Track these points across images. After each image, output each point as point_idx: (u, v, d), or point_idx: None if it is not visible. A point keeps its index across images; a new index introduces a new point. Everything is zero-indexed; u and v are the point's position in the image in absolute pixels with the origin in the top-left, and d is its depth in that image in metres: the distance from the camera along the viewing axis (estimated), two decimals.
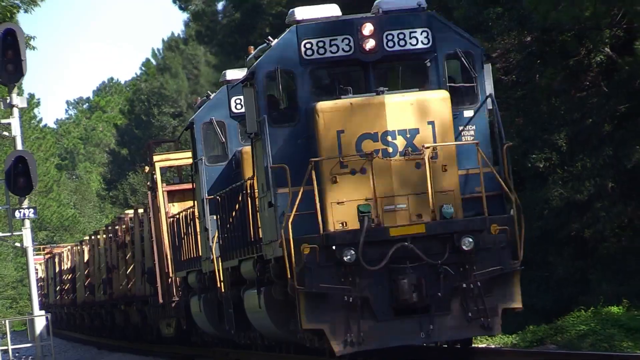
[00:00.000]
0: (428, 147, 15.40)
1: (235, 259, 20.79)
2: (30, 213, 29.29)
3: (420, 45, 15.36)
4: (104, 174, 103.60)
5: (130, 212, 38.67)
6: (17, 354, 30.87)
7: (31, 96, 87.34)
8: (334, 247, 15.04)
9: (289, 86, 15.84)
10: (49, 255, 66.25)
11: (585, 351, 19.04)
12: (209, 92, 24.12)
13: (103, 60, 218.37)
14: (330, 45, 15.36)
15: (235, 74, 21.64)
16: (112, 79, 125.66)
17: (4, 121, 30.71)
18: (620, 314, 27.80)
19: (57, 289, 60.26)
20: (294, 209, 15.16)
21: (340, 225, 15.19)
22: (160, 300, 29.36)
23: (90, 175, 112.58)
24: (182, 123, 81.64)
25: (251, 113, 16.18)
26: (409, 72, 16.05)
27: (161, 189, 28.37)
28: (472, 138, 16.57)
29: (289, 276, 15.11)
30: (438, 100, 15.20)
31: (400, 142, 15.19)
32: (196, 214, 24.44)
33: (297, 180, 15.39)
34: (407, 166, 15.11)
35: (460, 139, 16.36)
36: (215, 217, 21.14)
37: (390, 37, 15.33)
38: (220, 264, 21.21)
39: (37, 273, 47.82)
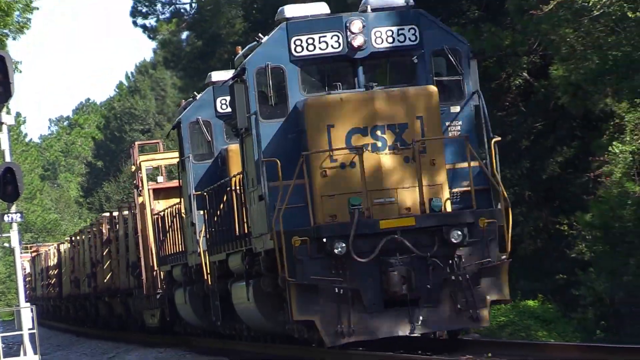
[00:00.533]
0: (418, 141, 14.32)
1: (223, 253, 19.75)
2: (17, 217, 27.42)
3: (407, 42, 14.36)
4: (82, 183, 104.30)
5: (115, 212, 37.20)
6: (5, 342, 28.31)
7: (18, 114, 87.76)
8: (324, 240, 13.86)
9: (278, 82, 14.67)
10: (35, 254, 65.37)
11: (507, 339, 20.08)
12: (195, 92, 23.20)
13: (81, 82, 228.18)
14: (320, 42, 14.31)
15: (220, 76, 20.89)
16: (89, 99, 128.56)
17: None
18: (536, 307, 28.26)
19: (44, 283, 59.76)
20: (285, 202, 13.97)
21: (330, 218, 14.10)
22: (145, 292, 28.59)
23: (70, 184, 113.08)
24: (149, 139, 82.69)
25: (242, 108, 15.06)
26: (396, 69, 15.02)
27: (147, 187, 27.68)
28: (458, 133, 15.55)
29: (279, 268, 13.97)
30: (426, 96, 14.15)
31: (389, 136, 14.14)
32: (182, 210, 23.31)
33: (287, 174, 14.27)
34: (396, 160, 14.04)
35: (447, 134, 15.39)
36: (202, 212, 20.05)
37: (378, 34, 14.31)
38: (207, 257, 20.01)
39: (24, 270, 43.72)
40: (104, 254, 37.74)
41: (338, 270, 13.80)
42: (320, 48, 14.48)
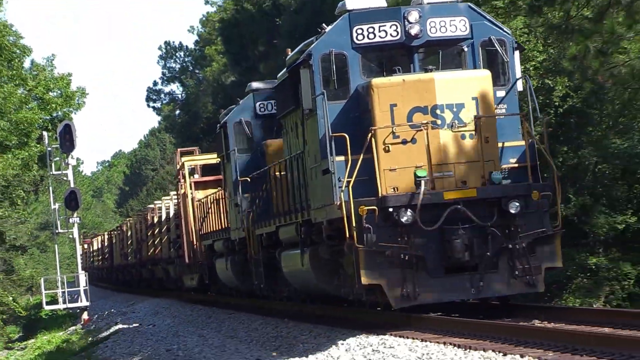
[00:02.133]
0: (480, 117, 11.88)
1: (273, 225, 17.23)
2: (77, 220, 35.04)
3: (459, 33, 12.27)
4: (117, 200, 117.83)
5: (159, 203, 37.40)
6: (69, 294, 33.20)
7: (78, 159, 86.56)
8: (390, 209, 11.43)
9: (341, 67, 12.45)
10: (88, 241, 67.53)
11: None
12: (238, 98, 21.42)
13: (116, 138, 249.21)
14: (380, 31, 12.19)
15: (259, 85, 19.91)
16: (120, 150, 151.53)
17: (64, 172, 36.84)
18: None
19: (99, 258, 61.42)
20: (354, 175, 11.46)
21: (392, 190, 11.66)
22: (187, 261, 27.40)
23: (109, 201, 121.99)
24: (156, 175, 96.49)
25: (307, 91, 12.83)
26: (448, 57, 12.88)
27: (188, 180, 26.70)
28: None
29: (347, 235, 11.35)
30: (481, 78, 11.80)
31: (447, 115, 11.74)
32: (222, 196, 22.14)
33: (351, 150, 11.86)
34: (454, 137, 11.64)
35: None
36: (246, 194, 18.38)
37: (432, 24, 12.13)
38: (251, 231, 18.28)
39: (82, 251, 48.50)
40: (149, 234, 37.19)
41: (403, 238, 11.29)
42: (379, 36, 12.33)
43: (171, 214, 31.81)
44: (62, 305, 36.18)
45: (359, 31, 12.62)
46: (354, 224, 11.64)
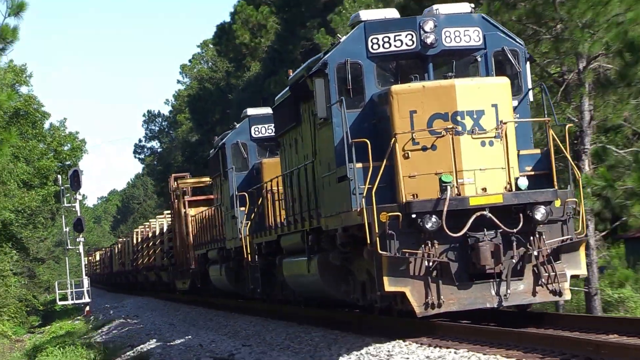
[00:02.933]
0: (506, 123, 9.90)
1: (275, 234, 15.41)
2: (82, 239, 37.52)
3: (472, 43, 10.64)
4: (112, 225, 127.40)
5: (153, 221, 39.43)
6: (76, 294, 36.42)
7: (83, 195, 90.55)
8: (413, 215, 9.46)
9: (356, 76, 10.63)
10: (92, 254, 71.75)
11: None
12: (235, 122, 20.41)
13: (110, 180, 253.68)
14: (395, 40, 10.48)
15: (254, 111, 19.11)
16: (115, 189, 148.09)
17: (73, 204, 39.54)
18: None
19: (102, 266, 63.76)
20: (376, 181, 9.57)
21: (412, 196, 9.77)
22: (179, 267, 27.26)
23: (105, 226, 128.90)
24: (140, 207, 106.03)
25: (321, 100, 10.91)
26: (461, 66, 11.19)
27: (183, 199, 26.27)
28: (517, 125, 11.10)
29: (368, 242, 9.41)
30: (501, 86, 10.04)
31: (468, 121, 9.91)
32: (214, 211, 21.36)
33: (364, 157, 10.08)
34: (474, 144, 9.80)
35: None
36: (242, 208, 17.07)
37: (447, 34, 10.49)
38: (248, 240, 16.69)
39: (87, 261, 52.25)
40: (144, 246, 38.11)
41: (427, 245, 9.36)
42: (395, 45, 10.52)
43: (165, 230, 32.25)
44: (71, 302, 39.45)
45: (374, 40, 10.77)
46: (376, 230, 9.55)
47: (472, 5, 12.85)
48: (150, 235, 37.02)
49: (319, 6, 30.75)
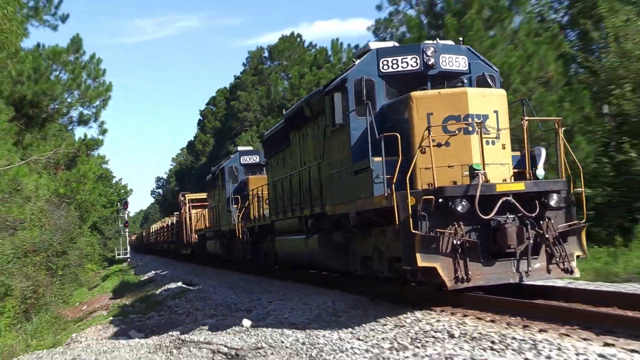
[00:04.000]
0: (527, 120, 9.26)
1: (269, 220, 15.50)
2: (127, 229, 57.94)
3: (461, 68, 10.20)
4: (140, 224, 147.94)
5: (167, 218, 50.31)
6: (124, 253, 54.66)
7: (127, 212, 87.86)
8: (440, 200, 8.48)
9: (369, 90, 9.95)
10: (132, 236, 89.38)
11: None
12: (230, 154, 24.49)
13: (140, 205, 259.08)
14: (402, 62, 10.04)
15: (242, 147, 22.69)
16: (141, 209, 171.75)
17: (122, 215, 56.17)
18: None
19: (137, 241, 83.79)
20: (396, 172, 8.63)
21: (427, 185, 8.85)
22: (185, 242, 32.03)
23: (137, 224, 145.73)
24: (154, 220, 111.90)
25: (339, 110, 10.12)
26: (452, 86, 10.60)
27: (188, 204, 31.18)
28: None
29: (397, 222, 8.34)
30: (501, 96, 9.27)
31: (477, 123, 9.09)
32: (209, 211, 24.95)
33: (378, 153, 9.24)
34: (481, 142, 9.00)
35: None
36: (235, 205, 19.43)
37: (444, 59, 9.98)
38: (240, 225, 18.56)
39: (130, 240, 65.34)
40: (161, 231, 49.91)
41: (454, 225, 8.27)
42: (402, 66, 10.01)
43: (173, 223, 40.53)
44: (122, 256, 56.41)
45: (385, 62, 9.80)
46: (409, 212, 8.31)
47: (461, 39, 12.43)
48: (164, 226, 49.24)
49: (232, 134, 47.83)
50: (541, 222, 8.36)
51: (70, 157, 22.41)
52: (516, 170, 9.41)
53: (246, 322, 9.64)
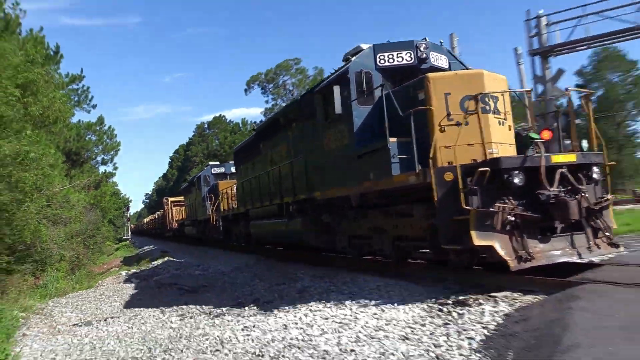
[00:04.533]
0: (571, 89, 7.33)
1: (244, 209, 13.68)
2: (129, 222, 54.19)
3: (445, 65, 8.38)
4: (136, 219, 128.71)
5: (154, 214, 51.67)
6: (125, 236, 52.39)
7: (130, 212, 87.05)
8: (494, 171, 5.75)
9: (367, 81, 7.94)
10: (132, 226, 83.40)
11: None
12: (205, 167, 23.58)
13: (135, 208, 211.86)
14: (397, 57, 8.18)
15: (213, 163, 21.84)
16: (136, 210, 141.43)
17: (126, 214, 50.03)
18: None
19: (135, 228, 79.56)
20: (414, 151, 6.52)
21: (447, 163, 6.22)
22: (168, 228, 32.42)
23: (133, 220, 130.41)
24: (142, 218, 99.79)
25: (338, 101, 7.96)
26: None
27: (170, 204, 31.65)
28: None
29: (435, 199, 5.75)
30: (505, 80, 7.12)
31: (491, 103, 6.74)
32: (187, 208, 24.58)
33: (382, 137, 6.77)
34: (495, 122, 6.63)
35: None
36: (209, 202, 18.41)
37: (433, 56, 8.14)
38: (214, 215, 16.68)
39: (130, 227, 67.12)
40: (149, 222, 51.02)
41: (509, 199, 5.58)
42: (397, 60, 8.12)
43: (158, 217, 40.81)
44: (125, 238, 55.07)
45: (381, 57, 7.79)
46: (460, 185, 5.55)
47: (442, 40, 10.00)
48: (153, 219, 49.68)
49: (187, 170, 50.09)
50: (588, 194, 5.68)
51: (96, 182, 28.00)
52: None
53: (197, 272, 10.45)
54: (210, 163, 22.34)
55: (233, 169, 18.94)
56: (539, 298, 4.70)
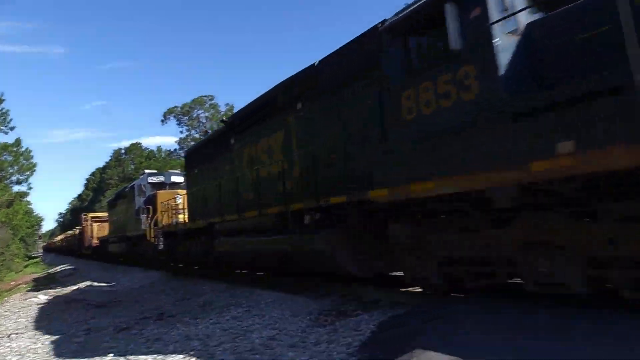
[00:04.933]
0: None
1: (205, 223, 11.12)
2: (41, 240, 44.67)
3: None
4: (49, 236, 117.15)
5: (75, 229, 45.58)
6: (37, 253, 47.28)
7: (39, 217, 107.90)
8: None
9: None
10: (46, 243, 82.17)
11: None
12: (140, 175, 21.78)
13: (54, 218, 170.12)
14: None
15: (149, 171, 19.73)
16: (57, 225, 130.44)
17: (37, 232, 40.45)
18: None
19: (49, 245, 78.34)
20: None
21: None
22: (86, 245, 29.79)
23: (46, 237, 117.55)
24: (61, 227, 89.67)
25: (455, 30, 4.77)
26: None
27: (90, 220, 28.72)
28: None
29: None
30: None
31: None
32: (109, 224, 21.65)
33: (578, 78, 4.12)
34: None
35: None
36: (144, 215, 16.78)
37: None
38: (151, 229, 15.18)
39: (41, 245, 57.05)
40: (65, 239, 47.56)
41: None
42: None
43: (77, 234, 37.62)
44: (36, 254, 52.17)
45: None
46: None
47: None
48: (68, 236, 46.61)
49: (103, 191, 49.13)
50: None
51: (9, 201, 27.61)
52: None
53: (106, 288, 9.56)
54: (147, 171, 19.16)
55: (174, 178, 15.88)
56: None
